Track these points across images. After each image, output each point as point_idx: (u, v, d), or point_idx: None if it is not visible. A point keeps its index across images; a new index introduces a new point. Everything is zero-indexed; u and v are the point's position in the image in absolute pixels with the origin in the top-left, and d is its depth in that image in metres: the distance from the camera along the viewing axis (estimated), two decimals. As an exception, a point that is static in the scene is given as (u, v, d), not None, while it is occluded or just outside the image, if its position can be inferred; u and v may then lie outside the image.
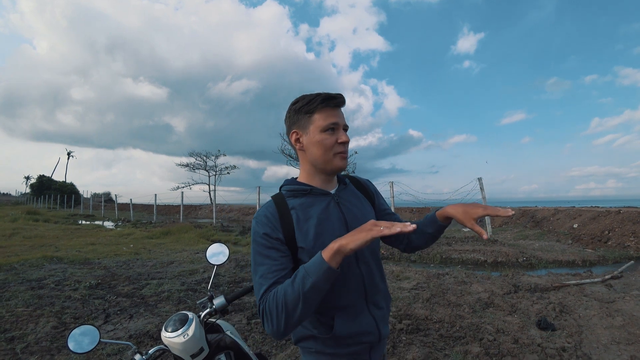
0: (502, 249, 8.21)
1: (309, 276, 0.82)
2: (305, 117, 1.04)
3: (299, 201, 1.04)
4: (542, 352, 2.94)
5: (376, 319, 1.05)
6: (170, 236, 11.41)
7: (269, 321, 0.86)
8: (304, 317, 0.85)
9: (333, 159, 1.03)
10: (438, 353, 2.93)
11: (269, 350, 2.96)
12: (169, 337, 1.07)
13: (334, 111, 1.03)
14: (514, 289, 4.81)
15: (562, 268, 7.01)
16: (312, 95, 1.03)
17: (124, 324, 3.54)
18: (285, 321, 0.84)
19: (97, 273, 5.64)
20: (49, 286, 4.73)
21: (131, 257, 7.28)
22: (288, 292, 0.84)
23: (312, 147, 1.04)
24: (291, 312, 0.84)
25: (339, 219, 1.04)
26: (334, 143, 1.02)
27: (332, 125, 1.01)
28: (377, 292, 1.09)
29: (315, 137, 1.02)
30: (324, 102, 1.01)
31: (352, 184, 1.20)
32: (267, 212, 1.02)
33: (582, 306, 4.11)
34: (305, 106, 1.03)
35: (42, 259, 6.57)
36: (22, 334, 3.22)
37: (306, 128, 1.04)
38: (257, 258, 0.96)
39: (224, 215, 26.44)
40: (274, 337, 0.88)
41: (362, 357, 1.05)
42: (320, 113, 1.02)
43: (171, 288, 4.74)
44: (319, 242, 0.97)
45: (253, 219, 1.04)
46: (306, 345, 1.06)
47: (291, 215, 1.01)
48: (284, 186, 1.11)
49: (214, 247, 1.37)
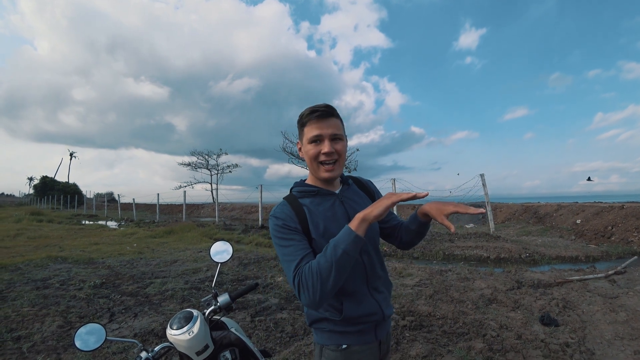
0: (504, 245, 8.19)
1: (340, 245, 0.93)
2: (301, 129, 1.17)
3: (308, 200, 1.16)
4: (546, 347, 2.95)
5: (379, 301, 1.18)
6: (173, 235, 11.45)
7: (305, 291, 0.94)
8: (336, 284, 0.94)
9: (319, 169, 1.14)
10: (441, 349, 2.93)
11: (273, 347, 2.98)
12: (174, 335, 1.08)
13: (319, 123, 1.11)
14: (517, 285, 4.81)
15: (565, 264, 6.99)
16: (306, 109, 1.14)
17: (129, 322, 3.56)
18: (321, 289, 0.93)
19: (101, 272, 5.68)
20: (54, 286, 4.77)
21: (135, 257, 7.31)
22: (321, 262, 0.94)
23: (305, 156, 1.17)
24: (325, 280, 0.92)
25: (343, 215, 1.15)
26: (317, 153, 1.12)
27: (315, 138, 1.11)
28: (378, 279, 1.21)
29: (305, 147, 1.15)
30: (309, 116, 1.11)
31: (354, 184, 1.32)
32: (284, 209, 1.13)
33: (585, 302, 4.11)
34: (300, 120, 1.15)
35: (46, 259, 6.62)
36: (29, 333, 3.26)
37: (302, 139, 1.17)
38: (282, 243, 1.06)
39: (226, 214, 26.50)
40: (310, 306, 0.97)
41: (369, 334, 1.17)
42: (308, 126, 1.13)
43: (175, 287, 4.77)
44: (328, 234, 1.08)
45: (270, 216, 1.13)
46: (320, 326, 1.17)
47: (304, 212, 1.12)
48: (294, 188, 1.22)
49: (217, 245, 1.38)
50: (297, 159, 18.95)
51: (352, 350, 1.13)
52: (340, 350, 1.13)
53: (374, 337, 1.18)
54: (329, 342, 1.15)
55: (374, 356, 1.18)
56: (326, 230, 1.10)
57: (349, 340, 1.13)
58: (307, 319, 1.21)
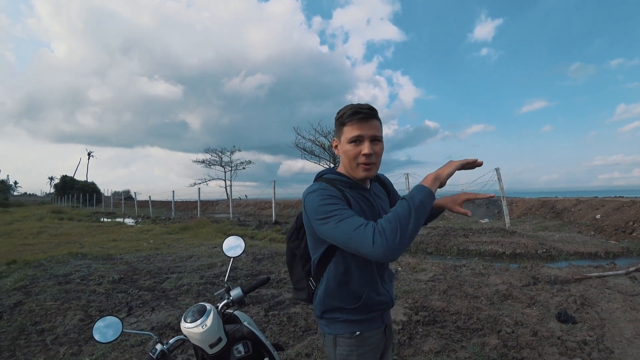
0: (520, 240, 8.04)
1: (416, 197, 0.96)
2: (340, 128, 1.17)
3: (345, 188, 1.17)
4: (562, 345, 2.90)
5: (389, 290, 1.27)
6: (189, 231, 11.65)
7: (383, 237, 0.91)
8: (414, 232, 0.94)
9: (357, 168, 1.15)
10: (455, 345, 2.91)
11: (287, 341, 3.02)
12: (188, 328, 1.10)
13: (360, 124, 1.12)
14: (533, 281, 4.72)
15: (584, 260, 6.83)
16: (345, 108, 1.16)
17: (146, 316, 3.66)
18: (401, 235, 0.92)
19: (119, 268, 5.83)
20: (75, 281, 4.93)
21: (151, 252, 7.48)
22: (399, 211, 0.95)
23: (342, 155, 1.18)
24: (405, 226, 0.92)
25: (375, 210, 1.21)
26: (357, 154, 1.13)
27: (356, 138, 1.12)
28: (385, 270, 1.29)
29: (344, 147, 1.15)
30: (351, 116, 1.12)
31: (377, 180, 1.37)
32: (322, 186, 1.11)
33: (604, 299, 4.01)
34: (339, 118, 1.17)
35: (67, 255, 6.83)
36: (52, 326, 3.38)
37: (340, 138, 1.18)
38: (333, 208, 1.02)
39: (240, 210, 26.78)
40: (386, 255, 0.92)
41: (377, 320, 1.25)
42: (348, 126, 1.13)
43: (190, 281, 4.86)
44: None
45: (310, 192, 1.09)
46: (332, 316, 1.21)
47: (345, 193, 1.14)
48: (325, 174, 1.23)
49: (230, 240, 1.40)
50: (310, 154, 18.99)
51: (364, 336, 1.20)
52: (354, 337, 1.19)
53: (382, 322, 1.27)
54: (343, 330, 1.20)
55: (381, 340, 1.28)
56: (367, 217, 1.12)
57: (361, 327, 1.20)
58: (317, 309, 1.23)
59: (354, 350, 1.19)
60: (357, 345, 1.19)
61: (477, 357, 2.69)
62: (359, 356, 1.19)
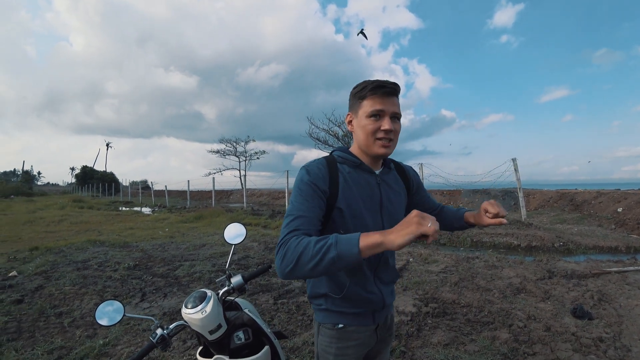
0: (537, 233, 7.86)
1: (334, 249, 0.81)
2: (357, 102, 1.11)
3: (347, 169, 1.13)
4: (577, 341, 2.82)
5: (382, 291, 1.18)
6: (203, 220, 11.85)
7: (280, 259, 0.88)
8: (309, 277, 0.87)
9: (374, 144, 1.09)
10: (464, 338, 2.88)
11: (294, 330, 3.04)
12: (188, 314, 1.11)
13: (383, 99, 1.06)
14: (548, 275, 4.61)
15: (603, 254, 6.62)
16: (366, 82, 1.09)
17: (159, 302, 3.75)
18: (292, 269, 0.85)
19: (135, 255, 5.98)
20: (93, 267, 5.08)
21: (166, 240, 7.64)
22: (308, 247, 0.84)
23: (358, 130, 1.11)
24: (301, 266, 0.84)
25: (377, 198, 1.14)
26: (376, 129, 1.07)
27: (377, 112, 1.06)
28: (386, 269, 1.21)
29: (362, 121, 1.09)
30: (374, 90, 1.06)
31: (395, 169, 1.27)
32: (320, 165, 1.09)
33: (623, 295, 3.88)
34: (359, 92, 1.09)
35: (86, 242, 7.05)
36: (69, 309, 3.50)
37: (357, 112, 1.11)
38: (298, 197, 1.02)
39: (254, 200, 27.05)
40: (278, 274, 0.89)
41: (366, 317, 1.18)
42: (369, 99, 1.07)
43: (202, 269, 4.95)
44: (357, 209, 1.09)
45: (302, 168, 1.09)
46: (317, 302, 1.19)
47: (339, 177, 1.09)
48: (335, 151, 1.18)
49: (231, 227, 1.39)
50: (324, 144, 18.91)
51: (348, 329, 1.16)
52: (336, 329, 1.15)
53: (372, 320, 1.19)
54: (326, 320, 1.17)
55: (371, 338, 1.21)
56: (357, 205, 1.09)
57: (345, 320, 1.15)
58: (308, 290, 1.23)
59: (334, 343, 1.16)
60: (338, 338, 1.16)
61: (486, 351, 2.65)
62: (338, 349, 1.16)
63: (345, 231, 1.04)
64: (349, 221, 1.08)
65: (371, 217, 1.12)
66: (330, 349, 1.16)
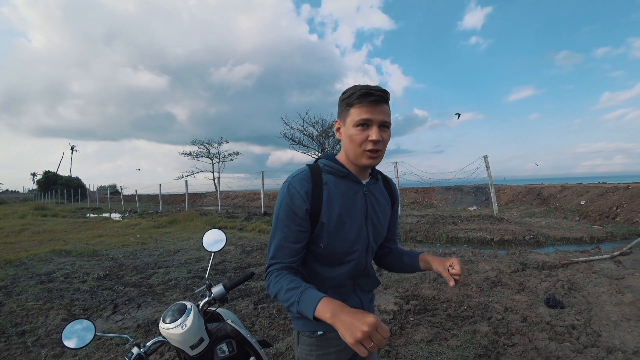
0: (508, 227, 8.15)
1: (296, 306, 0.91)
2: (345, 109, 1.06)
3: (333, 179, 1.09)
4: (552, 330, 2.92)
5: (362, 299, 1.19)
6: (177, 225, 11.48)
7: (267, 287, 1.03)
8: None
9: (362, 155, 1.04)
10: (446, 333, 2.91)
11: (276, 335, 2.97)
12: (167, 329, 1.03)
13: (370, 107, 1.01)
14: (521, 267, 4.77)
15: (570, 245, 6.95)
16: (354, 88, 1.04)
17: (132, 313, 3.56)
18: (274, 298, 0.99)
19: (105, 264, 5.69)
20: (58, 279, 4.78)
21: (138, 247, 7.33)
22: (280, 293, 0.97)
23: (346, 139, 1.07)
24: (280, 302, 0.98)
25: (362, 208, 1.11)
26: (364, 139, 1.02)
27: (363, 122, 1.01)
28: (367, 277, 1.21)
29: (349, 130, 1.04)
30: (361, 98, 1.01)
31: (382, 181, 1.24)
32: (303, 180, 1.05)
33: (591, 283, 4.07)
34: (347, 99, 1.05)
35: (50, 253, 6.64)
36: (33, 327, 3.26)
37: (345, 120, 1.07)
38: (278, 221, 1.05)
39: (229, 202, 26.56)
40: None
41: None
42: (356, 108, 1.02)
43: (178, 276, 4.77)
44: (340, 223, 1.06)
45: (286, 183, 1.06)
46: None
47: (322, 190, 1.06)
48: (321, 159, 1.14)
49: (209, 234, 1.32)
50: (298, 144, 18.84)
51: (328, 336, 1.14)
52: (315, 336, 1.14)
53: None
54: (305, 328, 1.14)
55: None
56: (340, 218, 1.06)
57: (324, 327, 1.12)
58: None
59: (314, 351, 1.14)
60: (318, 346, 1.13)
61: (468, 345, 2.69)
62: (319, 357, 1.13)
63: (326, 246, 1.07)
64: (329, 234, 1.06)
65: (356, 228, 1.09)
66: (311, 357, 1.14)
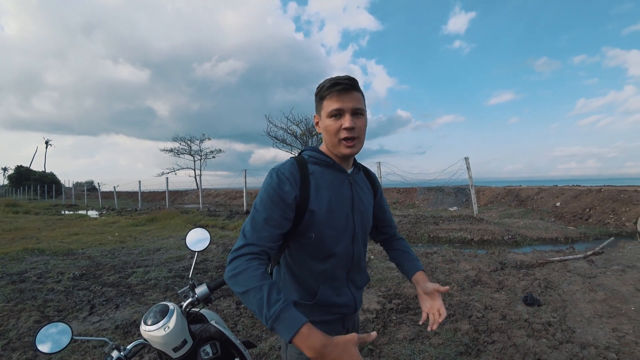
0: (488, 227, 8.35)
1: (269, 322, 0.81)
2: (319, 102, 1.08)
3: (319, 169, 1.08)
4: (529, 327, 3.00)
5: (354, 295, 1.18)
6: (156, 223, 11.22)
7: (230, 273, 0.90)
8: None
9: (339, 145, 1.06)
10: (428, 332, 2.95)
11: (259, 335, 2.94)
12: (149, 331, 1.00)
13: (340, 96, 1.03)
14: (500, 266, 4.89)
15: (546, 245, 7.19)
16: (325, 81, 1.06)
17: (110, 314, 3.45)
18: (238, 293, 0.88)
19: (81, 263, 5.50)
20: (31, 279, 4.59)
21: (116, 246, 7.12)
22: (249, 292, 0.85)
23: (323, 132, 1.09)
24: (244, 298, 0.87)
25: (348, 197, 1.11)
26: (338, 129, 1.04)
27: (336, 112, 1.03)
28: (359, 271, 1.20)
29: (325, 122, 1.06)
30: (330, 89, 1.03)
31: (363, 172, 1.26)
32: (291, 169, 1.04)
33: (565, 282, 4.21)
34: (319, 92, 1.07)
35: (22, 251, 6.37)
36: (3, 330, 3.11)
37: (320, 113, 1.09)
38: (262, 205, 0.99)
39: (210, 200, 26.17)
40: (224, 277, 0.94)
41: (336, 323, 1.15)
42: (328, 100, 1.04)
43: (158, 275, 4.66)
44: (330, 211, 1.05)
45: (272, 171, 1.05)
46: None
47: (309, 179, 1.05)
48: (305, 152, 1.14)
49: (193, 232, 1.28)
50: (282, 143, 18.75)
51: None
52: None
53: (342, 326, 1.17)
54: None
55: None
56: (329, 207, 1.05)
57: None
58: None
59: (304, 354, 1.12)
60: None
61: (450, 343, 2.74)
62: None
63: (317, 235, 1.04)
64: (320, 223, 1.04)
65: (343, 217, 1.09)
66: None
